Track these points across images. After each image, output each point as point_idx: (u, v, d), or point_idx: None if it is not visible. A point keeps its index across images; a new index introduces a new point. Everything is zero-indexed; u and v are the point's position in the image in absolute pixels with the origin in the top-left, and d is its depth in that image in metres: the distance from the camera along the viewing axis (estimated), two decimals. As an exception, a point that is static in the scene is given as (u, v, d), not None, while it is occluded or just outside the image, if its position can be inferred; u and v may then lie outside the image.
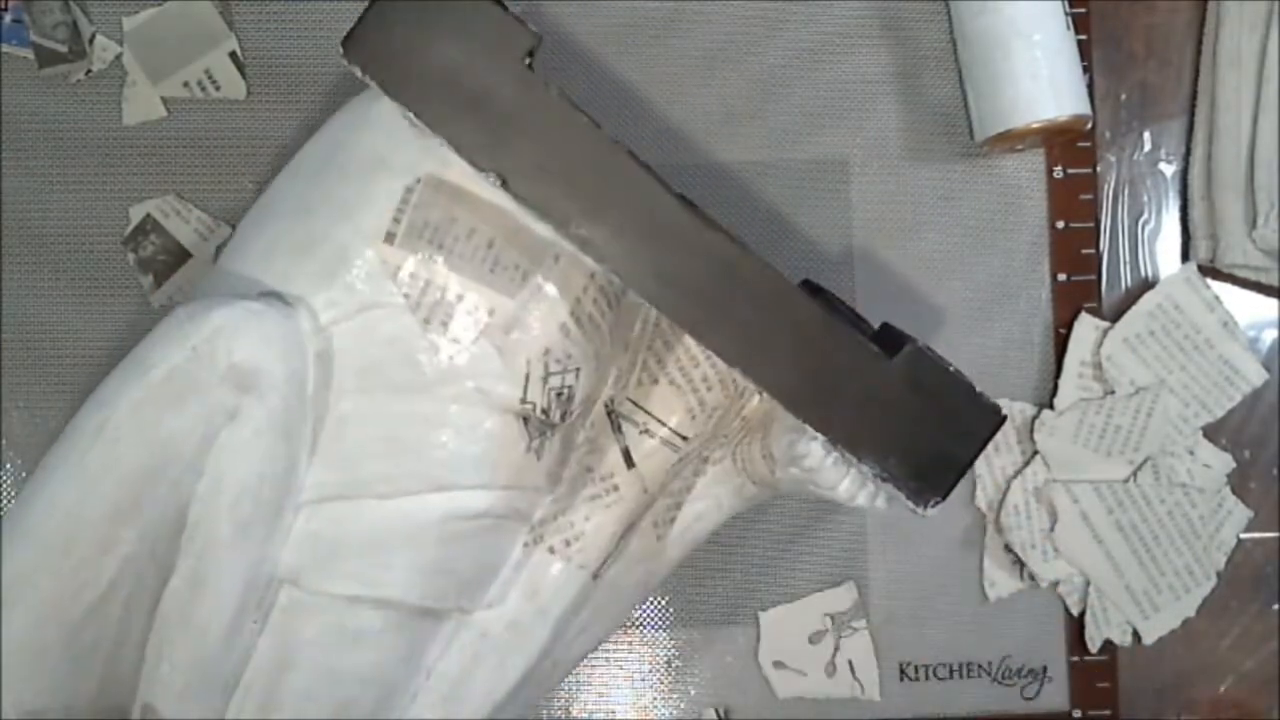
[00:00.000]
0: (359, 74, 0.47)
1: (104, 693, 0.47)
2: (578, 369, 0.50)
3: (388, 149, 0.48)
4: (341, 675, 0.50)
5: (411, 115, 0.47)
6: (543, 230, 0.48)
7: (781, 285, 0.48)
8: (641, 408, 0.54)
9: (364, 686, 0.50)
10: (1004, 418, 0.50)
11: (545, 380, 0.49)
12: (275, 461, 0.47)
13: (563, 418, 0.51)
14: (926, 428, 0.49)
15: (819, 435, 0.49)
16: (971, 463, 0.49)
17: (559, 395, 0.50)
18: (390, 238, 0.47)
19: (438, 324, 0.48)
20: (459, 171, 0.47)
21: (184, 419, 0.46)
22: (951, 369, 0.49)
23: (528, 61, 0.47)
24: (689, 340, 0.51)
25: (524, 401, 0.49)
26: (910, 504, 0.49)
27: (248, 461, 0.46)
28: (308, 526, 0.48)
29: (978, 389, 0.49)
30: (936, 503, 0.49)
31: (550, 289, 0.49)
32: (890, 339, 0.50)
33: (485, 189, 0.48)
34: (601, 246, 0.47)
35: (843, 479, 0.50)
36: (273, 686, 0.49)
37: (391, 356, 0.48)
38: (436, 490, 0.49)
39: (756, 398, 0.48)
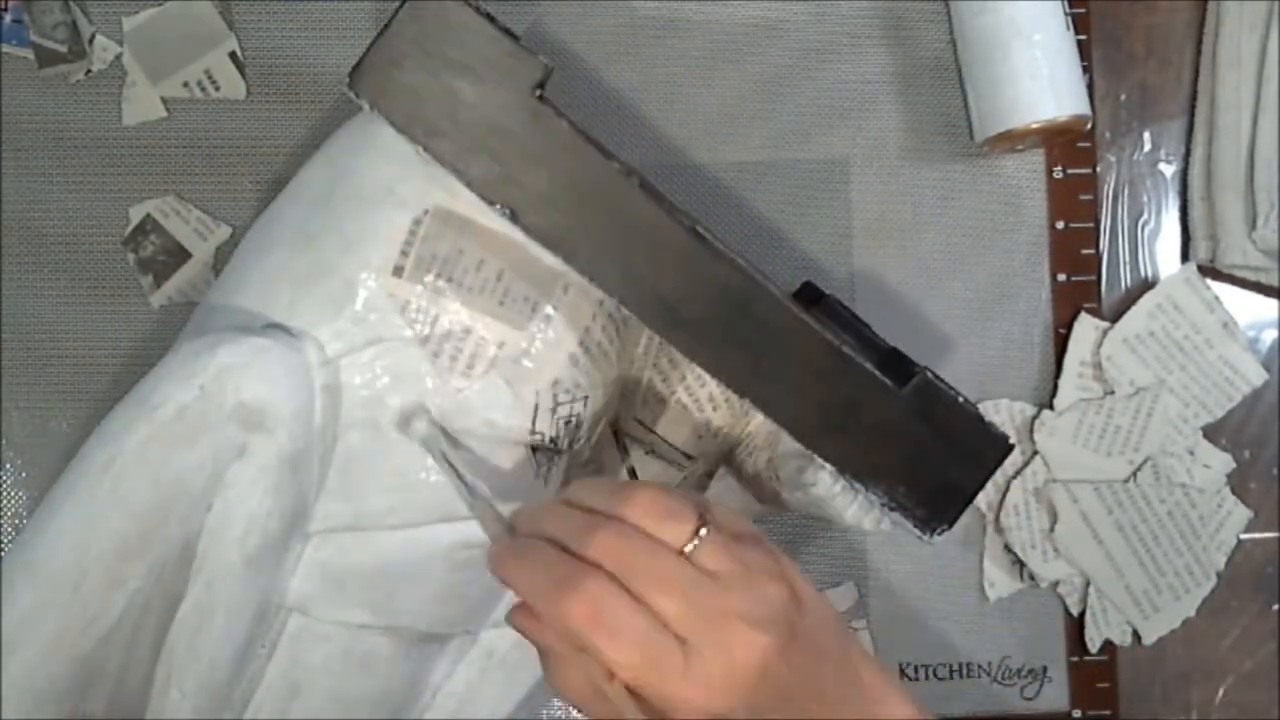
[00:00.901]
0: (367, 108, 0.46)
1: (111, 711, 0.47)
2: (585, 397, 0.50)
3: (394, 179, 0.47)
4: (350, 699, 0.49)
5: (420, 149, 0.46)
6: (552, 260, 0.47)
7: (791, 317, 0.48)
8: (648, 427, 0.53)
9: (373, 709, 0.50)
10: (1011, 447, 0.50)
11: (554, 410, 0.49)
12: (283, 495, 0.47)
13: (570, 444, 0.50)
14: (934, 458, 0.49)
15: (827, 465, 0.48)
16: (979, 491, 0.49)
17: (567, 423, 0.49)
18: (399, 271, 0.47)
19: (446, 357, 0.47)
20: (467, 201, 0.47)
21: (193, 457, 0.45)
22: (960, 399, 0.49)
23: (539, 93, 0.46)
24: (695, 362, 0.50)
25: (533, 433, 0.49)
26: (917, 532, 0.49)
27: (256, 497, 0.46)
28: (316, 556, 0.48)
29: (985, 419, 0.49)
30: (943, 530, 0.49)
31: (559, 320, 0.48)
32: (899, 367, 0.50)
33: (494, 220, 0.47)
34: (610, 278, 0.47)
35: (850, 505, 0.50)
36: (282, 711, 0.49)
37: (399, 390, 0.47)
38: (444, 521, 0.48)
39: (761, 415, 0.48)
